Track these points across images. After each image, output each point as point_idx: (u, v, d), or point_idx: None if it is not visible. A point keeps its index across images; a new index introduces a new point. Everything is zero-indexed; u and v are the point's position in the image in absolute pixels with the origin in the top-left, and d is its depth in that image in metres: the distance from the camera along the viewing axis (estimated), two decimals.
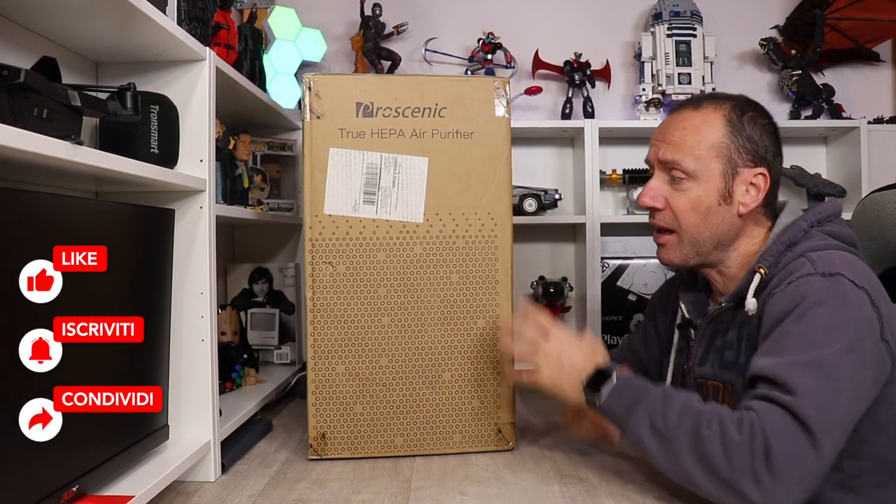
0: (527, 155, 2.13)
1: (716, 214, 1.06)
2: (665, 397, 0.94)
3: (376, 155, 1.18)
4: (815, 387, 0.85)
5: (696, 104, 1.11)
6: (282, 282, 1.87)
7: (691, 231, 1.07)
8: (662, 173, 1.08)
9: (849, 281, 0.93)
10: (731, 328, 1.07)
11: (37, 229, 0.74)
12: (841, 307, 0.91)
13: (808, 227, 1.04)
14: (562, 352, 1.05)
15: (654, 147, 1.10)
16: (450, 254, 1.19)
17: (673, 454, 0.90)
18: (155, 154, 1.03)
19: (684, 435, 0.90)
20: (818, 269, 0.95)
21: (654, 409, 0.94)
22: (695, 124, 1.07)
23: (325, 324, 1.17)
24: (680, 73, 2.05)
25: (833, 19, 2.10)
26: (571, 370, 1.04)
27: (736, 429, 0.86)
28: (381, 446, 1.19)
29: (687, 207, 1.06)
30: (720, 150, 1.06)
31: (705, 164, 1.05)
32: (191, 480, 1.07)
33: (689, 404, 0.93)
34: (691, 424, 0.90)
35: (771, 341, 0.94)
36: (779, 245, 1.03)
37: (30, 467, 0.73)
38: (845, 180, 2.09)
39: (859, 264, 0.98)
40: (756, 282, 1.01)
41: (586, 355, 1.05)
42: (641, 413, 0.94)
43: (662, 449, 0.92)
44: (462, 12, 2.19)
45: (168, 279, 1.05)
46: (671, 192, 1.07)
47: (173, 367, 1.07)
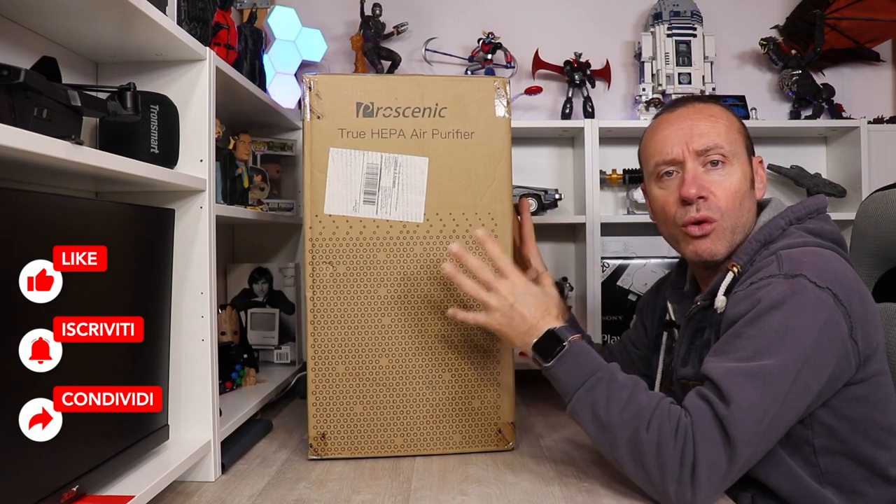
0: (527, 155, 2.13)
1: (748, 199, 1.07)
2: (611, 384, 0.96)
3: (376, 155, 1.18)
4: (751, 401, 0.87)
5: (698, 100, 1.12)
6: (282, 282, 1.87)
7: (733, 217, 1.05)
8: (695, 163, 1.06)
9: (810, 282, 0.92)
10: (707, 327, 1.07)
11: (37, 229, 0.74)
12: (796, 311, 0.90)
13: (786, 224, 1.03)
14: (516, 300, 1.04)
15: (680, 142, 1.07)
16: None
17: (611, 445, 0.95)
18: (155, 154, 1.03)
19: (623, 432, 0.93)
20: (782, 270, 0.94)
21: (599, 396, 0.96)
22: (717, 112, 1.09)
23: (325, 324, 1.17)
24: (680, 73, 2.05)
25: (833, 19, 2.10)
26: (522, 323, 1.03)
27: (672, 437, 0.89)
28: (381, 446, 1.19)
29: (730, 193, 1.05)
30: (741, 134, 1.10)
31: (738, 148, 1.08)
32: (191, 480, 1.07)
33: (634, 398, 0.94)
34: (633, 424, 0.92)
35: (723, 341, 0.95)
36: (754, 243, 1.03)
37: (30, 467, 0.73)
38: (845, 180, 2.09)
39: (832, 263, 0.96)
40: (728, 280, 1.01)
41: (540, 309, 1.04)
42: (585, 397, 0.97)
43: (601, 437, 0.96)
44: (462, 12, 2.19)
45: (168, 279, 1.05)
46: (710, 180, 1.05)
47: (173, 367, 1.07)
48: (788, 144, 2.19)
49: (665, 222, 1.11)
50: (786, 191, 2.16)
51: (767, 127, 2.05)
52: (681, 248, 1.11)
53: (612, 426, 0.94)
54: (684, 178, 1.06)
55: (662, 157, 1.09)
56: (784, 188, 2.17)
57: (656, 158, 1.10)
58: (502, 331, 1.06)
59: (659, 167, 1.10)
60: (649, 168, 1.14)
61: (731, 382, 0.88)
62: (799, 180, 2.10)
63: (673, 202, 1.08)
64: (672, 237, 1.12)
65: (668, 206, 1.09)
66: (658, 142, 1.10)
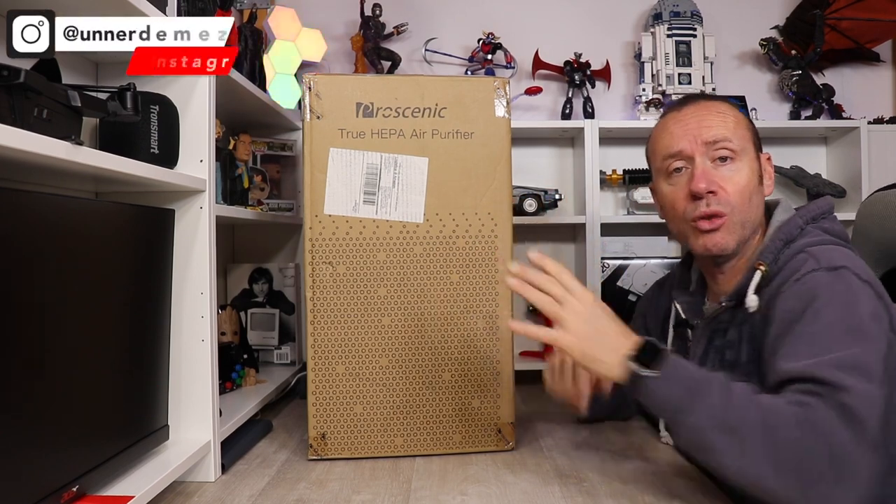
0: (527, 155, 2.13)
1: (756, 195, 1.07)
2: (728, 388, 0.86)
3: (376, 155, 1.18)
4: (859, 385, 0.82)
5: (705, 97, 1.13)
6: (282, 282, 1.87)
7: (743, 212, 1.05)
8: (704, 157, 1.06)
9: (853, 274, 0.93)
10: (730, 327, 1.06)
11: (37, 229, 0.74)
12: (853, 302, 0.90)
13: (803, 224, 1.04)
14: (593, 314, 0.93)
15: (688, 137, 1.07)
16: (450, 254, 1.19)
17: (743, 453, 0.82)
18: (155, 154, 1.03)
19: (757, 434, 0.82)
20: (822, 265, 0.94)
21: (717, 400, 0.85)
22: (725, 108, 1.10)
23: (326, 324, 1.17)
24: (680, 74, 2.05)
25: (833, 19, 2.10)
26: (607, 338, 0.92)
27: (810, 431, 0.80)
28: (381, 446, 1.19)
29: (739, 187, 1.05)
30: (749, 130, 1.10)
31: (746, 143, 1.08)
32: (191, 480, 1.07)
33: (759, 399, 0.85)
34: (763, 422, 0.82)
35: (794, 343, 0.90)
36: (776, 242, 1.03)
37: (30, 467, 0.73)
38: (845, 180, 2.09)
39: (858, 259, 0.98)
40: (756, 279, 1.00)
41: (620, 327, 0.94)
42: (704, 404, 0.85)
43: (733, 447, 0.83)
44: (462, 12, 2.19)
45: (168, 279, 1.05)
46: (720, 175, 1.05)
47: (173, 367, 1.07)
48: (788, 145, 2.19)
49: (674, 219, 1.11)
50: (786, 191, 2.16)
51: (767, 127, 2.05)
52: (690, 244, 1.10)
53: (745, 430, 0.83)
54: (694, 173, 1.06)
55: (670, 150, 1.09)
56: (784, 188, 2.17)
57: (664, 153, 1.10)
58: (579, 347, 0.92)
59: (667, 161, 1.10)
60: (657, 164, 1.13)
61: (832, 373, 0.83)
62: (799, 180, 2.10)
63: (682, 198, 1.08)
64: (681, 233, 1.12)
65: (677, 202, 1.09)
66: (666, 137, 1.11)
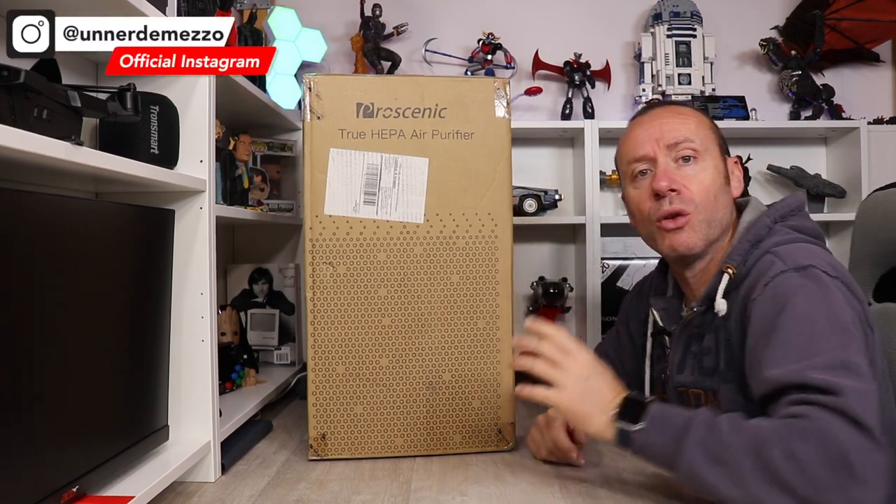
0: (527, 155, 2.13)
1: (723, 195, 1.07)
2: (713, 422, 0.87)
3: (377, 155, 1.18)
4: (852, 384, 0.82)
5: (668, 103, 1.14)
6: (282, 282, 1.87)
7: (708, 210, 1.05)
8: (667, 158, 1.07)
9: (821, 271, 0.92)
10: (706, 333, 1.05)
11: (37, 229, 0.74)
12: (826, 298, 0.90)
13: (771, 223, 1.03)
14: (588, 374, 0.98)
15: (650, 140, 1.08)
16: (450, 254, 1.19)
17: (738, 481, 0.82)
18: (155, 154, 1.03)
19: (747, 458, 0.82)
20: (789, 265, 0.94)
21: (703, 437, 0.85)
22: (686, 111, 1.11)
23: (326, 324, 1.17)
24: (680, 74, 2.05)
25: (833, 20, 2.10)
26: (599, 396, 0.96)
27: (800, 441, 0.79)
28: (381, 447, 1.19)
29: (703, 186, 1.05)
30: (713, 131, 1.11)
31: (710, 143, 1.09)
32: (191, 481, 1.07)
33: (744, 425, 0.85)
34: (754, 446, 0.82)
35: (775, 349, 0.90)
36: (744, 244, 1.02)
37: (30, 467, 0.73)
38: (845, 181, 2.10)
39: (826, 255, 0.98)
40: (724, 282, 1.00)
41: (612, 385, 0.97)
42: (691, 444, 0.86)
43: (725, 477, 0.83)
44: (462, 12, 2.19)
45: (168, 280, 1.05)
46: (683, 174, 1.06)
47: (173, 368, 1.07)
48: (788, 145, 2.19)
49: (641, 221, 1.12)
50: (786, 191, 2.16)
51: (767, 127, 2.05)
52: (657, 245, 1.10)
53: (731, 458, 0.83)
54: (656, 174, 1.07)
55: (635, 154, 1.10)
56: (784, 188, 2.17)
57: (628, 157, 1.12)
58: (574, 408, 0.96)
59: (632, 165, 1.11)
60: (623, 169, 1.15)
61: (822, 378, 0.83)
62: (799, 181, 2.11)
63: (647, 199, 1.08)
64: (649, 235, 1.12)
65: (642, 203, 1.09)
66: (630, 142, 1.12)
